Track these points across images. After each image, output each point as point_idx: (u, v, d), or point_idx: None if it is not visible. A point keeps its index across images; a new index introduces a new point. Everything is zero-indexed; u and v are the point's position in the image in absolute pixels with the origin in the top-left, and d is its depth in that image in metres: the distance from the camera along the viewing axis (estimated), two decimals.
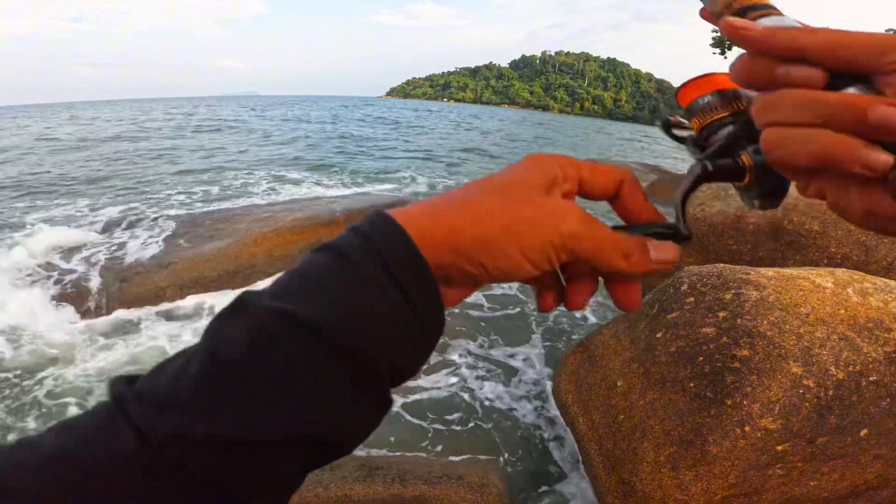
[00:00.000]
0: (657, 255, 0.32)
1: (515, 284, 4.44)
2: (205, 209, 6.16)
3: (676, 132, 0.37)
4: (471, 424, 2.65)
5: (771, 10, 0.29)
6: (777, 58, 0.25)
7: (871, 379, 1.72)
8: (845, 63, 0.24)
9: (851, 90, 0.24)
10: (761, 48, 0.26)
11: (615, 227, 0.33)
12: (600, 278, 0.34)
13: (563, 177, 0.33)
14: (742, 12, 0.29)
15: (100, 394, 2.81)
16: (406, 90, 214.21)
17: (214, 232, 5.00)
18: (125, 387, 0.25)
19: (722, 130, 0.34)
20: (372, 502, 1.98)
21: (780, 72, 0.25)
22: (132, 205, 6.48)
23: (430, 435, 2.55)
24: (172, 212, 6.06)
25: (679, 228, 0.34)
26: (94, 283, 4.06)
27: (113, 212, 6.15)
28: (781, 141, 0.25)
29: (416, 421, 2.64)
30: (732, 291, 2.09)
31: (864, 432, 1.71)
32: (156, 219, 5.63)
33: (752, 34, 0.26)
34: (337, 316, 0.25)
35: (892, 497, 1.79)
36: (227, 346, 0.25)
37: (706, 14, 0.32)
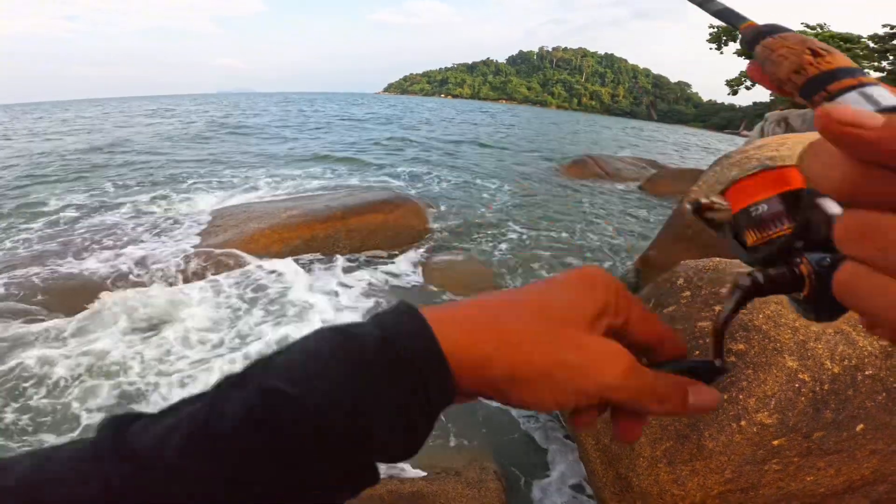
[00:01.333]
0: (696, 401, 0.29)
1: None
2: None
3: (709, 216, 0.32)
4: (469, 421, 2.65)
5: (862, 78, 0.20)
6: None
7: (866, 373, 1.72)
8: None
9: None
10: (887, 158, 0.16)
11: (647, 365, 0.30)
12: None
13: (615, 309, 0.30)
14: (822, 81, 0.21)
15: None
16: (403, 86, 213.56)
17: (214, 229, 4.98)
18: (111, 432, 0.24)
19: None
20: (370, 499, 1.98)
21: None
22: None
23: None
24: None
25: (713, 362, 0.29)
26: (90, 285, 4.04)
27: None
28: (878, 293, 0.17)
29: None
30: (729, 285, 2.09)
31: (860, 427, 1.71)
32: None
33: (872, 135, 0.16)
34: (341, 419, 0.25)
35: (888, 492, 1.79)
36: (220, 418, 0.24)
37: (757, 74, 0.26)
